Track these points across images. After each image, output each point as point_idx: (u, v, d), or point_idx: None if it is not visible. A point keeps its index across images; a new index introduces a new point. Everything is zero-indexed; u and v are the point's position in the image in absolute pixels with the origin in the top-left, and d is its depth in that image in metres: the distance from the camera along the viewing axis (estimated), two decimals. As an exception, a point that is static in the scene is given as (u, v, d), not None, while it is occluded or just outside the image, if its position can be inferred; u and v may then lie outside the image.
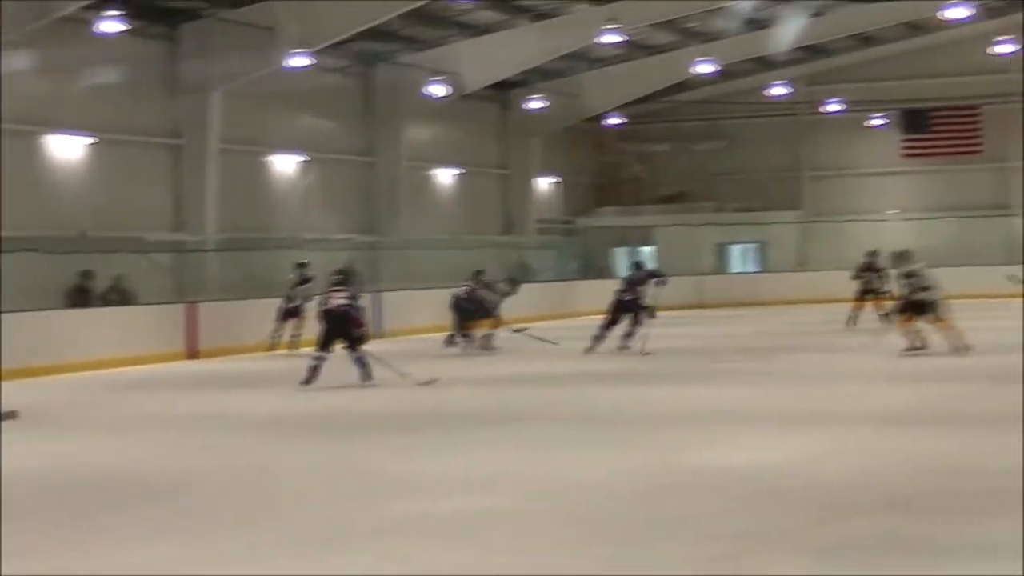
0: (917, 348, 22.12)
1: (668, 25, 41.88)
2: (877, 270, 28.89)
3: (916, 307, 22.10)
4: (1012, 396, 16.15)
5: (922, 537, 8.73)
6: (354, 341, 19.67)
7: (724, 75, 47.20)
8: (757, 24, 43.26)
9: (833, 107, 49.00)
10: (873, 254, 29.53)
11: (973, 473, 10.90)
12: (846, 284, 29.48)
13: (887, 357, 22.17)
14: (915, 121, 49.78)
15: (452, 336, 26.96)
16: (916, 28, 47.76)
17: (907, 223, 48.07)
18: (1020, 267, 29.64)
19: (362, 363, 19.58)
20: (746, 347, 23.61)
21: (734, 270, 51.38)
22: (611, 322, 24.50)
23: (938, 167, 50.31)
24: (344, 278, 20.40)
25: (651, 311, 24.18)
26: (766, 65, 47.92)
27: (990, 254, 43.42)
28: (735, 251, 52.10)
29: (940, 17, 39.66)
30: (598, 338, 24.28)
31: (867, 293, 29.11)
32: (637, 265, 27.26)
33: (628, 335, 24.14)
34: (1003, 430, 13.22)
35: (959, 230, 47.42)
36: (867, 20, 44.93)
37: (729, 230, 49.94)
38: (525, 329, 27.27)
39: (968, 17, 39.60)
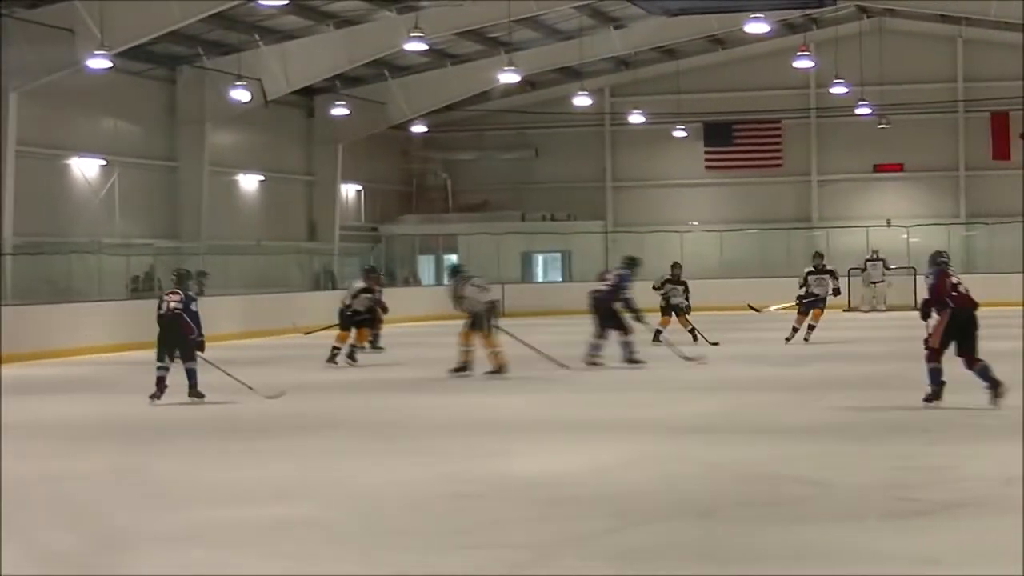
0: (460, 369, 21.19)
1: (474, 34, 42.01)
2: (681, 283, 28.74)
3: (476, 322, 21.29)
4: (806, 406, 16.44)
5: (719, 544, 8.78)
6: (184, 350, 17.98)
7: (530, 85, 47.54)
8: (562, 35, 43.63)
9: (637, 119, 49.42)
10: (676, 266, 29.29)
11: (772, 481, 11.00)
12: (650, 295, 29.53)
13: (687, 367, 22.36)
14: (718, 134, 50.52)
15: (352, 349, 24.57)
16: (719, 42, 48.57)
17: (710, 234, 48.78)
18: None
19: (190, 375, 17.98)
20: (549, 356, 23.65)
21: (539, 279, 51.63)
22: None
23: (741, 179, 51.10)
24: (179, 279, 18.55)
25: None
26: (571, 75, 48.28)
27: (791, 266, 44.18)
28: (540, 260, 52.36)
29: (742, 32, 40.25)
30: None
31: (670, 307, 28.55)
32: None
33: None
34: (800, 439, 13.43)
35: (761, 242, 48.28)
36: (670, 33, 45.53)
37: (534, 239, 50.16)
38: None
39: (768, 32, 40.28)
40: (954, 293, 15.44)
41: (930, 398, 15.43)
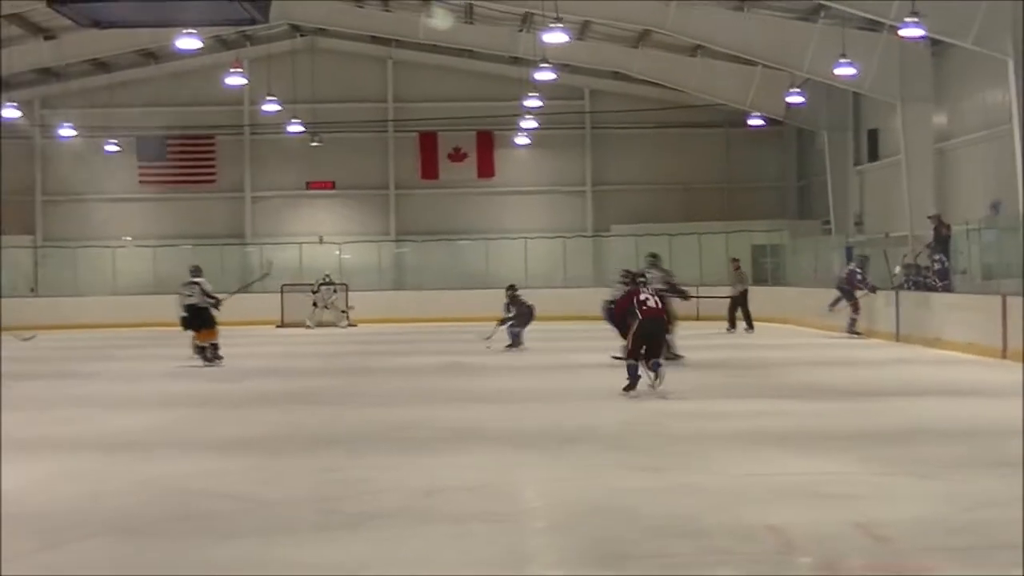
0: None
1: None
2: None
3: None
4: (238, 421, 16.54)
5: (146, 559, 8.83)
6: None
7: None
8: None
9: (67, 132, 48.37)
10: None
11: (204, 497, 11.02)
12: (80, 310, 29.12)
13: (126, 383, 22.12)
14: (151, 149, 50.08)
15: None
16: (151, 56, 48.13)
17: (144, 250, 48.27)
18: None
19: None
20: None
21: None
22: None
23: (175, 195, 50.77)
24: None
25: None
26: (-1, 86, 46.87)
27: (225, 282, 44.33)
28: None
29: (174, 46, 39.88)
30: None
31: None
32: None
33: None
34: (232, 454, 13.49)
35: (197, 258, 48.15)
36: (102, 46, 44.85)
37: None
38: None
39: (200, 49, 39.93)
40: (644, 307, 18.19)
41: (628, 388, 17.93)
